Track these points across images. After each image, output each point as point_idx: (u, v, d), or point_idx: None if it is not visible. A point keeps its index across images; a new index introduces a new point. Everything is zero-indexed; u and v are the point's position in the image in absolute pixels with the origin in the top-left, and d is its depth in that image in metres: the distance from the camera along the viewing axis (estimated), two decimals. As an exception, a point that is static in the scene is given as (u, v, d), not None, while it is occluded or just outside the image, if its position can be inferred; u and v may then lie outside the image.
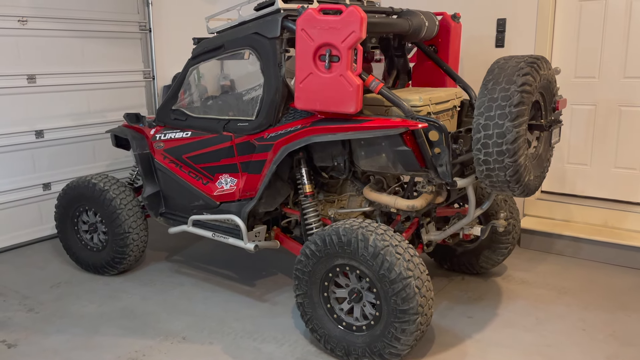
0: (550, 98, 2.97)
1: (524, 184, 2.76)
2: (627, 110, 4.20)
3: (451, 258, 3.95)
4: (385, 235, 2.74)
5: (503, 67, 2.71)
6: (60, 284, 3.95)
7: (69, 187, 4.05)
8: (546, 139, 3.05)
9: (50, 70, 4.70)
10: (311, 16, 2.83)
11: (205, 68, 3.64)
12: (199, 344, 3.16)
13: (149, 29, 5.34)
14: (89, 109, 5.02)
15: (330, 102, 2.88)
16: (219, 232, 3.59)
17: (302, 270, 2.96)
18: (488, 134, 2.65)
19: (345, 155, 3.17)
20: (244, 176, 3.47)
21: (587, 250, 4.25)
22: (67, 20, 4.73)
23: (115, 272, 4.03)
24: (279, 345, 3.13)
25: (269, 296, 3.73)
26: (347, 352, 2.89)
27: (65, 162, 4.90)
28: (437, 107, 3.15)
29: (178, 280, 3.98)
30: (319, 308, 2.96)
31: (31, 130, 4.63)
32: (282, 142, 3.18)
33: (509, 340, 3.15)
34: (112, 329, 3.32)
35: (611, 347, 3.06)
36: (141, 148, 3.91)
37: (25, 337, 3.24)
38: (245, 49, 3.30)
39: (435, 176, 2.93)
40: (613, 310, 3.47)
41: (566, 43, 4.36)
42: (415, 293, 2.64)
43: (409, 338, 2.69)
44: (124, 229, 3.84)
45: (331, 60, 2.82)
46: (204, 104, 3.65)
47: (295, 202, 3.63)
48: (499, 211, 3.66)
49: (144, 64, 5.39)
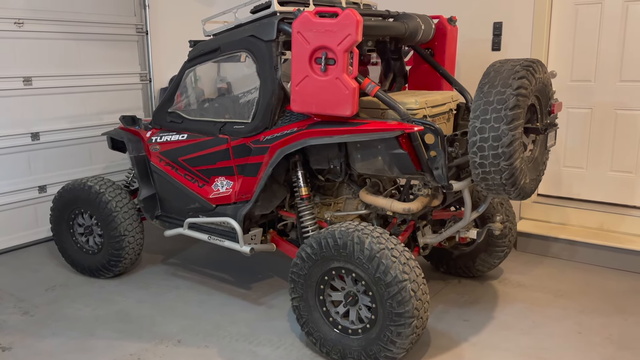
0: (546, 101, 2.97)
1: (520, 187, 2.76)
2: (622, 113, 4.21)
3: (447, 261, 3.95)
4: (381, 239, 2.73)
5: (499, 70, 2.71)
6: (55, 286, 3.94)
7: (64, 189, 4.04)
8: (542, 142, 3.05)
9: (47, 73, 4.69)
10: (307, 19, 2.83)
11: (201, 71, 3.64)
12: (195, 347, 3.15)
13: (146, 32, 5.33)
14: (86, 111, 5.01)
15: (327, 104, 2.88)
16: (215, 235, 3.58)
17: (298, 274, 2.96)
18: (484, 137, 2.65)
19: (341, 158, 3.17)
20: (240, 179, 3.46)
21: (583, 253, 4.26)
22: (64, 23, 4.73)
23: (110, 275, 4.02)
24: (275, 348, 3.12)
25: (264, 299, 3.72)
26: (342, 355, 2.88)
27: (61, 164, 4.89)
28: (433, 110, 3.15)
29: (174, 283, 3.97)
30: (314, 311, 2.95)
31: (27, 133, 4.62)
32: (279, 145, 3.18)
33: (505, 343, 3.15)
34: (108, 332, 3.30)
35: (607, 351, 3.06)
36: (137, 151, 3.90)
37: (20, 340, 3.23)
38: (241, 51, 3.30)
39: (431, 179, 2.93)
40: (609, 314, 3.47)
41: (562, 46, 4.37)
42: (411, 296, 2.64)
43: (405, 341, 2.69)
44: (119, 232, 3.83)
45: (327, 63, 2.82)
46: (200, 107, 3.64)
47: (291, 205, 3.62)
48: (495, 214, 3.66)
49: (141, 67, 5.39)
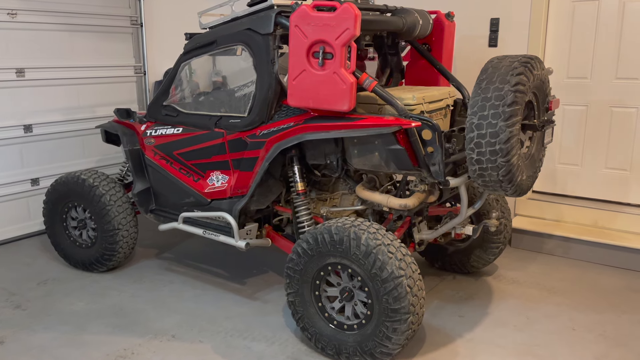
0: (543, 98, 2.97)
1: (517, 184, 2.76)
2: (618, 111, 4.22)
3: (442, 257, 3.95)
4: (378, 234, 2.73)
5: (497, 66, 2.70)
6: (48, 280, 3.91)
7: (57, 182, 4.00)
8: (539, 139, 3.05)
9: (40, 64, 4.64)
10: (305, 12, 2.81)
11: (197, 64, 3.61)
12: (189, 342, 3.13)
13: (141, 24, 5.29)
14: (79, 103, 4.96)
15: (324, 99, 2.86)
16: (210, 230, 3.56)
17: (294, 269, 2.95)
18: (481, 134, 2.64)
19: (338, 153, 3.15)
20: (235, 173, 3.44)
21: (577, 250, 4.27)
22: (58, 14, 4.68)
23: (104, 269, 3.99)
24: (270, 344, 3.11)
25: (259, 294, 3.71)
26: (338, 351, 2.88)
27: (54, 157, 4.85)
28: (430, 106, 3.14)
29: (168, 278, 3.95)
30: (310, 306, 2.95)
31: (20, 125, 4.58)
32: (275, 140, 3.16)
33: (500, 339, 3.15)
34: (101, 327, 3.28)
35: (601, 347, 3.08)
36: (131, 144, 3.87)
37: (12, 334, 3.20)
38: (238, 45, 3.27)
39: (427, 175, 2.92)
40: (603, 311, 3.49)
41: (559, 43, 4.37)
42: (407, 292, 2.63)
43: (400, 337, 2.69)
44: (113, 226, 3.80)
45: (325, 57, 2.80)
46: (196, 100, 3.61)
47: (287, 200, 3.61)
48: (490, 211, 3.66)
49: (135, 59, 5.34)
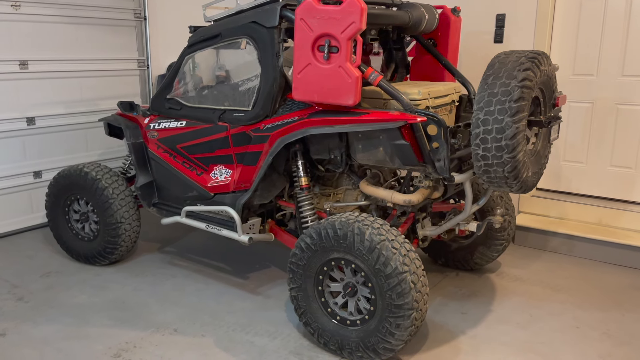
0: (550, 94, 2.94)
1: (522, 181, 2.74)
2: (624, 108, 4.19)
3: (446, 254, 3.94)
4: (382, 230, 2.71)
5: (504, 61, 2.68)
6: (50, 273, 3.90)
7: (60, 175, 3.99)
8: (545, 136, 3.03)
9: (43, 57, 4.62)
10: (311, 6, 2.78)
11: (201, 57, 3.59)
12: (191, 336, 3.13)
13: (144, 17, 5.26)
14: (82, 96, 4.95)
15: (329, 93, 2.84)
16: (213, 224, 3.55)
17: (297, 264, 2.93)
18: (487, 129, 2.62)
19: (342, 148, 3.13)
20: (239, 167, 3.42)
21: (582, 248, 4.25)
22: (61, 6, 4.66)
23: (106, 263, 3.98)
24: (272, 338, 3.10)
25: (262, 289, 3.70)
26: (340, 346, 2.87)
27: (56, 150, 4.84)
28: (435, 102, 3.12)
29: (170, 272, 3.94)
30: (313, 302, 2.93)
31: (22, 117, 4.56)
32: (279, 134, 3.14)
33: (503, 336, 3.14)
34: (103, 320, 3.28)
35: (605, 346, 3.06)
36: (135, 137, 3.86)
37: (14, 327, 3.19)
38: (242, 38, 3.25)
39: (432, 171, 2.90)
40: (607, 309, 3.47)
41: (565, 40, 4.34)
42: (411, 288, 2.62)
43: (403, 333, 2.67)
44: (116, 219, 3.79)
45: (330, 51, 2.78)
46: (200, 94, 3.60)
47: (290, 195, 3.59)
48: (495, 207, 3.64)
49: (139, 52, 5.32)
